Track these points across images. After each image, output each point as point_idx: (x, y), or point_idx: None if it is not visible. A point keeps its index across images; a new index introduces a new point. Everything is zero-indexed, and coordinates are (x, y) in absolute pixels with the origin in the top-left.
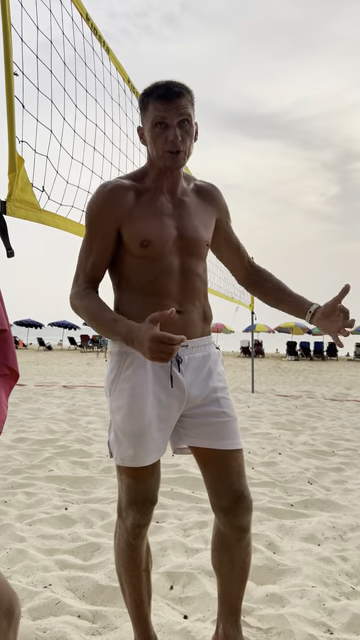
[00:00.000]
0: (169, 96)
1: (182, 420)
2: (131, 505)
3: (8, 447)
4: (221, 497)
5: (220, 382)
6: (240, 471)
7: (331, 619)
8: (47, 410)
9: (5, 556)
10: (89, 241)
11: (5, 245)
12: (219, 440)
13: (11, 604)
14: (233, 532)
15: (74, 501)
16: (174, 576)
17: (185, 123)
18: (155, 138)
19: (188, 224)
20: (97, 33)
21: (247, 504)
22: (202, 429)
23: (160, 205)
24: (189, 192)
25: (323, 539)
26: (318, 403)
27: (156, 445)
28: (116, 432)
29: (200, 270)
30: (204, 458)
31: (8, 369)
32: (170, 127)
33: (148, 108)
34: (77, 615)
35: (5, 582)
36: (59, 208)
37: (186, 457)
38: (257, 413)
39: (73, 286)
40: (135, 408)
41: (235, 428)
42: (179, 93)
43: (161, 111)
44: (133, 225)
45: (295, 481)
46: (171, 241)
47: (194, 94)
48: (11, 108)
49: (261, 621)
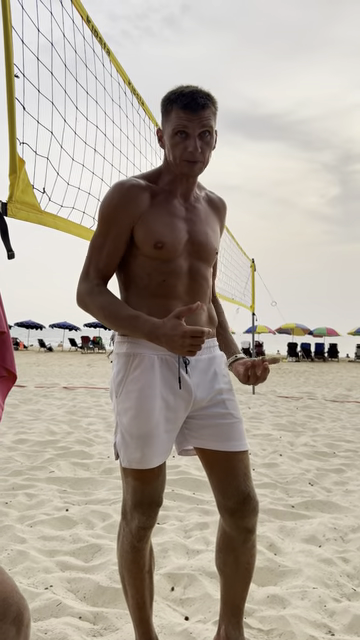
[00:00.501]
0: (194, 107)
1: (188, 421)
2: (137, 507)
3: (9, 448)
4: (227, 498)
5: (225, 384)
6: (246, 472)
7: (332, 620)
8: (48, 411)
9: (6, 557)
10: (102, 237)
11: (6, 247)
12: (225, 442)
13: (20, 611)
14: (239, 533)
15: (75, 502)
16: (175, 577)
17: (206, 134)
18: (174, 146)
19: (199, 229)
20: (98, 35)
21: (253, 505)
22: (208, 430)
23: (174, 208)
24: (201, 199)
25: (324, 540)
26: (319, 404)
27: (163, 447)
28: (123, 434)
29: (207, 275)
30: (210, 459)
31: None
32: (191, 137)
33: (171, 114)
34: (78, 616)
35: (14, 588)
36: (60, 210)
37: (187, 458)
38: (258, 414)
39: (82, 281)
40: (143, 410)
41: (241, 430)
42: (204, 105)
43: (184, 120)
44: (147, 226)
45: (296, 482)
46: (183, 244)
47: (217, 104)
48: (12, 110)
49: (262, 622)
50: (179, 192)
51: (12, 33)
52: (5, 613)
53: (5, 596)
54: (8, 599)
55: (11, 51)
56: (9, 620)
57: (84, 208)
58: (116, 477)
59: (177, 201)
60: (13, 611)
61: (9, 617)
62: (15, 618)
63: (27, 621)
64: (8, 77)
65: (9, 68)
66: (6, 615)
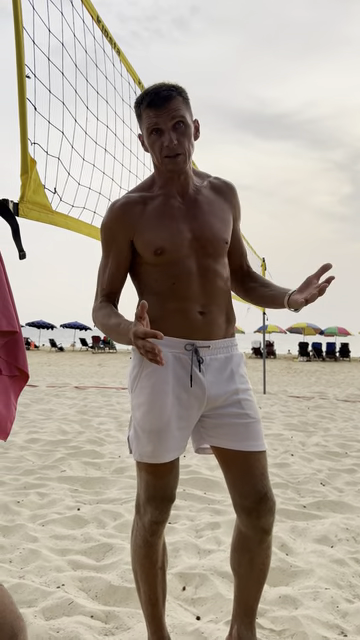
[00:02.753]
0: (158, 102)
1: (203, 420)
2: (149, 502)
3: (21, 448)
4: (244, 497)
5: (242, 384)
6: (263, 472)
7: (345, 621)
8: (59, 411)
9: (18, 556)
10: (105, 258)
11: (17, 247)
12: (241, 441)
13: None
14: (255, 533)
15: (86, 502)
16: (186, 577)
17: (180, 125)
18: (152, 145)
19: (204, 224)
20: (108, 35)
21: (270, 505)
22: (223, 430)
23: (171, 209)
24: (202, 190)
25: (336, 541)
26: (330, 404)
27: (175, 443)
28: (136, 428)
29: (220, 270)
30: (226, 459)
31: (18, 370)
32: (165, 132)
33: (142, 116)
34: (90, 615)
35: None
36: (71, 209)
37: (198, 458)
38: (269, 414)
39: (94, 302)
40: (155, 406)
41: (258, 429)
42: (168, 97)
43: (153, 118)
44: (144, 235)
45: (307, 482)
46: (186, 245)
47: (186, 93)
48: (23, 110)
49: (274, 623)
50: (175, 191)
51: (23, 33)
52: None
53: None
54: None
55: (22, 51)
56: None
57: (95, 208)
58: (127, 476)
59: (175, 201)
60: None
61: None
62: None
63: None
64: (20, 77)
65: (20, 68)
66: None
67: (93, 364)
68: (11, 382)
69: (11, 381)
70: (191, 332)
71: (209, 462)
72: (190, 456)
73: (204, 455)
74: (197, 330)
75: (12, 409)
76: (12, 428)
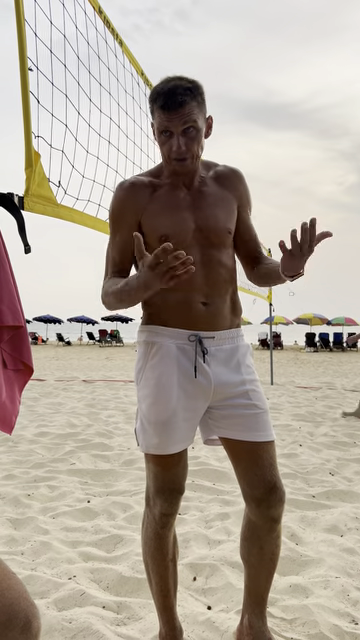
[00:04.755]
0: (172, 106)
1: (211, 412)
2: (158, 494)
3: (30, 441)
4: (254, 488)
5: (249, 375)
6: (272, 462)
7: (356, 609)
8: (68, 404)
9: (30, 548)
10: (113, 236)
11: (23, 241)
12: (249, 432)
13: (28, 619)
14: (265, 522)
15: (96, 494)
16: (197, 567)
17: (190, 130)
18: (161, 145)
19: (207, 215)
20: (110, 26)
21: (280, 495)
22: (232, 420)
23: (177, 199)
24: (208, 181)
25: (346, 530)
26: (338, 394)
27: (181, 435)
28: (142, 420)
29: (225, 260)
30: (235, 450)
31: (23, 364)
32: (174, 136)
33: (154, 113)
34: (102, 606)
35: (22, 594)
36: (76, 202)
37: (207, 449)
38: (277, 405)
39: (103, 284)
40: (160, 398)
41: (266, 420)
42: (182, 102)
43: (164, 120)
44: (151, 221)
45: (316, 472)
46: (190, 234)
47: (202, 92)
48: (26, 104)
49: (285, 612)
50: (182, 182)
51: (25, 27)
52: (11, 621)
53: (11, 602)
54: (14, 605)
55: (24, 45)
56: (16, 628)
57: (99, 201)
58: (136, 468)
59: (181, 191)
60: (21, 619)
61: (16, 625)
62: (23, 626)
63: (36, 630)
64: (22, 71)
65: (23, 62)
66: (12, 623)
67: (100, 358)
68: (16, 376)
69: (16, 375)
70: (194, 323)
71: (218, 453)
72: (199, 447)
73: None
74: (200, 321)
75: (17, 403)
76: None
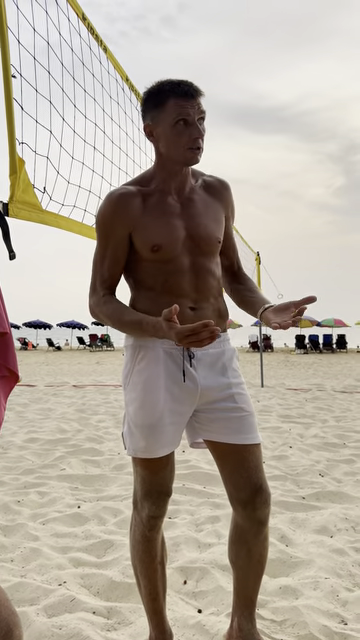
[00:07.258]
0: (192, 93)
1: (197, 415)
2: (146, 497)
3: (20, 447)
4: (239, 490)
5: (235, 378)
6: (257, 465)
7: (345, 610)
8: (58, 410)
9: (19, 555)
10: (102, 249)
11: (7, 247)
12: (235, 435)
13: (9, 627)
14: (251, 525)
15: (86, 499)
16: (187, 571)
17: (202, 122)
18: (178, 135)
19: (198, 223)
20: (94, 32)
21: (265, 497)
22: (218, 424)
23: (168, 207)
24: (197, 189)
25: (335, 531)
26: (328, 396)
27: (168, 438)
28: (129, 424)
29: (213, 267)
30: (221, 452)
31: (8, 371)
32: (192, 124)
33: (166, 105)
34: (92, 611)
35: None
36: (61, 208)
37: (197, 453)
38: (267, 407)
39: (91, 296)
40: (147, 401)
41: (252, 422)
42: (198, 91)
43: (186, 107)
44: (143, 231)
45: (306, 474)
46: (181, 242)
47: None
48: (10, 110)
49: (275, 613)
50: (173, 189)
51: (7, 33)
52: None
53: None
54: None
55: (7, 51)
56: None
57: (85, 206)
58: (127, 473)
59: (171, 199)
60: (2, 627)
61: None
62: (5, 635)
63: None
64: (5, 78)
65: (6, 69)
66: None
67: (91, 362)
68: (1, 383)
69: (1, 382)
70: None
71: (208, 457)
72: (189, 451)
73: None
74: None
75: (1, 410)
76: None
